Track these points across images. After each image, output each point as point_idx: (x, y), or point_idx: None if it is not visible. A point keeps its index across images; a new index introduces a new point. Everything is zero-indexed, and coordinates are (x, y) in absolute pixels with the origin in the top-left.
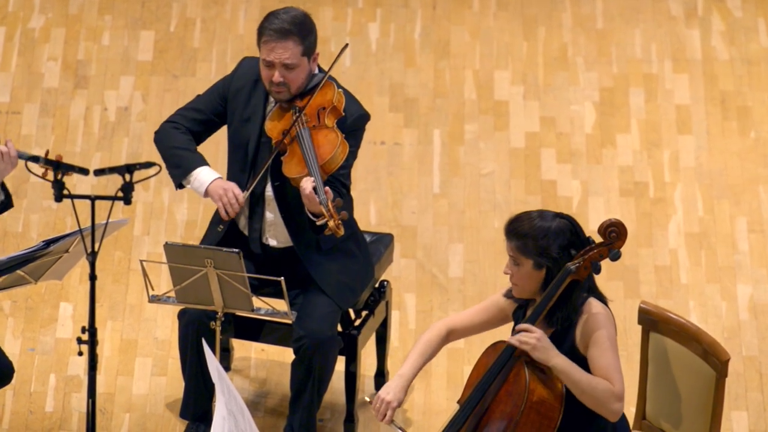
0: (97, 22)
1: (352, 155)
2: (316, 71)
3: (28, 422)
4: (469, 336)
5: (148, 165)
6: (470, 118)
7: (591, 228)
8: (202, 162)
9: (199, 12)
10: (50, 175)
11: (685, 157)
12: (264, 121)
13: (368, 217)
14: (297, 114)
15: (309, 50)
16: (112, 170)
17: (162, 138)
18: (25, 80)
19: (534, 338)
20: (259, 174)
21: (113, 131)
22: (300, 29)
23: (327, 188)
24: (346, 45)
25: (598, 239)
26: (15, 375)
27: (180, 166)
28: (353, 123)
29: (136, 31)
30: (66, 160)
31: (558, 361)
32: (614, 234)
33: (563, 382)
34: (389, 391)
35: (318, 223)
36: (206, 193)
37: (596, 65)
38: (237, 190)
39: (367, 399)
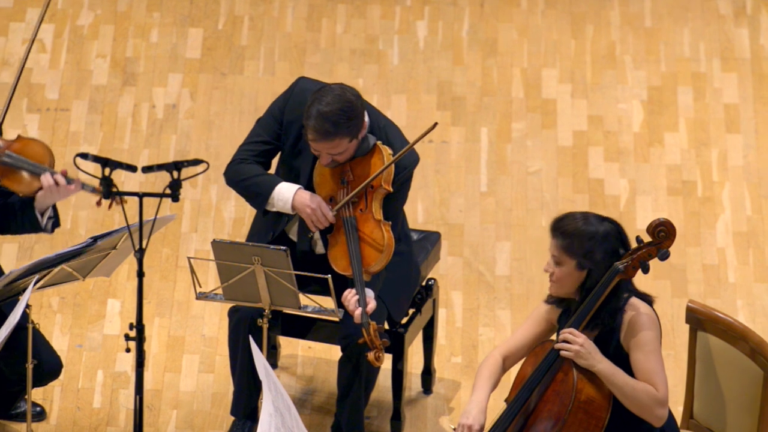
0: (146, 20)
1: (403, 201)
2: (366, 119)
3: (75, 418)
4: (525, 356)
5: (196, 162)
6: (518, 116)
7: (639, 227)
8: (278, 180)
9: (247, 9)
10: (104, 203)
11: (734, 156)
12: (314, 158)
13: (415, 215)
14: (344, 184)
15: (355, 135)
16: (160, 167)
17: (232, 176)
18: (73, 77)
19: (578, 344)
20: (345, 200)
21: (161, 128)
22: (345, 126)
23: (370, 306)
24: (435, 124)
25: (646, 238)
26: (63, 371)
27: (258, 193)
28: (404, 174)
29: (185, 29)
30: (114, 157)
31: (602, 366)
32: (663, 233)
33: (607, 386)
34: (469, 416)
35: (359, 342)
36: (293, 208)
37: (644, 64)
38: (325, 209)
39: (452, 428)
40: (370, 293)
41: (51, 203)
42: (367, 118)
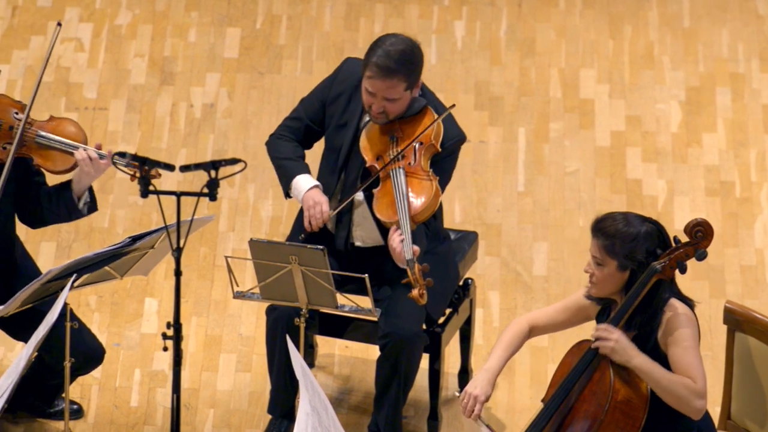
0: (184, 19)
1: (447, 177)
2: (418, 95)
3: (113, 417)
4: (551, 333)
5: (234, 161)
6: (555, 116)
7: (677, 228)
8: (302, 170)
9: (285, 9)
10: (138, 173)
11: None
12: (357, 130)
13: (453, 214)
14: (393, 143)
15: (413, 84)
16: (198, 167)
17: (270, 150)
18: (111, 77)
19: (612, 341)
20: (348, 198)
21: (199, 128)
22: (407, 67)
23: (416, 247)
24: (452, 105)
25: (684, 239)
26: (100, 369)
27: (284, 176)
28: (450, 147)
29: (223, 28)
30: (152, 156)
31: (638, 361)
32: (700, 234)
33: (645, 381)
34: (476, 385)
35: (403, 282)
36: (302, 201)
37: (683, 64)
38: (326, 207)
39: (457, 393)
40: (415, 247)
41: (87, 183)
42: (420, 90)
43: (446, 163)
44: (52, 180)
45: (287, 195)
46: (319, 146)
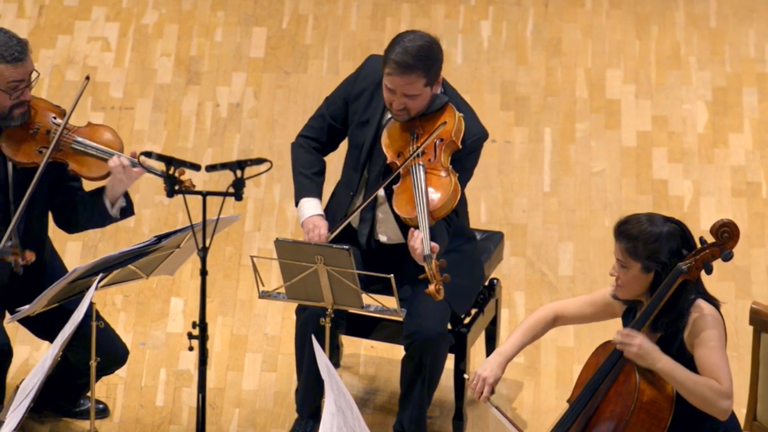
0: (210, 19)
1: (467, 178)
2: (439, 92)
3: (138, 416)
4: (575, 324)
5: (260, 161)
6: (581, 116)
7: (703, 228)
8: (310, 192)
9: (312, 9)
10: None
11: None
12: (379, 128)
13: (478, 215)
14: (414, 140)
15: (432, 80)
16: (224, 166)
17: (292, 154)
18: (138, 76)
19: (635, 346)
20: (341, 224)
21: (225, 127)
22: (425, 63)
23: (434, 244)
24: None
25: (710, 239)
26: (126, 368)
27: (296, 191)
28: (472, 144)
29: (249, 28)
30: (178, 155)
31: (662, 364)
32: (726, 234)
33: (670, 383)
34: (486, 367)
35: (420, 277)
36: (301, 225)
37: (709, 64)
38: (324, 230)
39: (465, 376)
40: (433, 243)
41: (121, 190)
42: (442, 87)
43: (468, 160)
44: (87, 186)
45: (297, 203)
46: (344, 144)
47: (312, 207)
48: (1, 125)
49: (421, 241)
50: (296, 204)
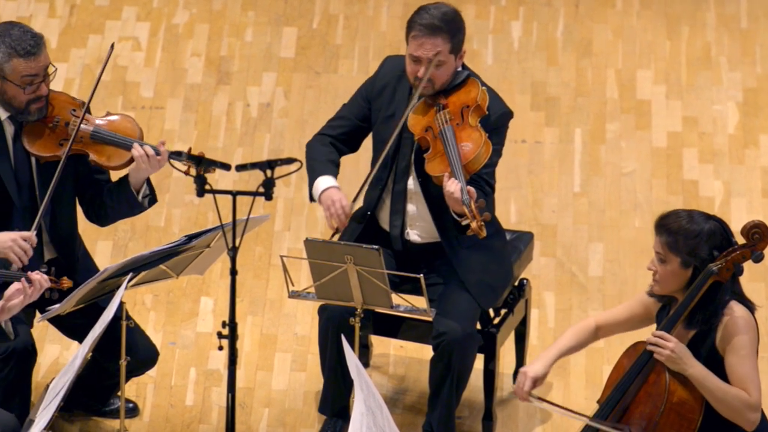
0: (241, 19)
1: (497, 153)
2: (461, 68)
3: (168, 415)
4: (617, 333)
5: (290, 161)
6: (612, 117)
7: (733, 229)
8: (326, 172)
9: (342, 9)
10: (192, 171)
11: None
12: (406, 117)
13: (508, 215)
14: (439, 110)
15: (457, 48)
16: (254, 166)
17: (307, 152)
18: (168, 76)
19: (669, 349)
20: (371, 174)
21: (255, 127)
22: (450, 26)
23: (470, 188)
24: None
25: (740, 240)
26: (155, 368)
27: (310, 177)
28: (497, 120)
29: (279, 28)
30: (208, 155)
31: (693, 371)
32: (757, 235)
33: (699, 390)
34: (530, 365)
35: (462, 224)
36: (319, 201)
37: (740, 65)
38: (345, 201)
39: (513, 385)
40: (470, 188)
41: (144, 177)
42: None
43: (495, 136)
44: (113, 176)
45: (311, 198)
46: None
47: (325, 181)
48: (20, 120)
49: (458, 185)
50: (310, 190)
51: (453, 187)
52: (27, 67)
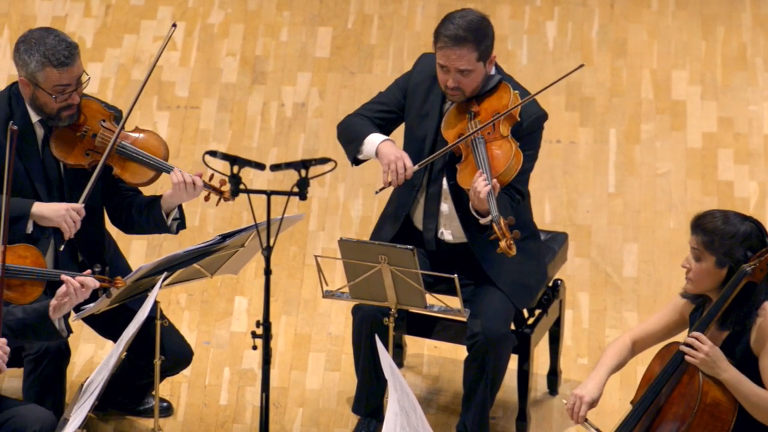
0: (276, 18)
1: (530, 159)
2: (493, 72)
3: (202, 415)
4: (653, 345)
5: (324, 161)
6: (647, 117)
7: None
8: (373, 130)
9: (377, 9)
10: (213, 199)
11: None
12: (440, 119)
13: (543, 215)
14: (471, 119)
15: (484, 55)
16: (288, 166)
17: (340, 125)
18: (203, 75)
19: (703, 353)
20: (429, 159)
21: (290, 127)
22: (475, 35)
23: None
24: (581, 65)
25: None
26: (190, 367)
27: (354, 138)
28: (530, 125)
29: (314, 28)
30: (243, 155)
31: (727, 375)
32: None
33: (734, 394)
34: (583, 388)
35: (482, 222)
36: (377, 153)
37: None
38: (408, 161)
39: (564, 401)
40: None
41: (178, 203)
42: (494, 71)
43: (529, 142)
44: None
45: (355, 161)
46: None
47: (379, 136)
48: (50, 125)
49: (486, 187)
50: (354, 153)
51: (481, 186)
52: (60, 77)
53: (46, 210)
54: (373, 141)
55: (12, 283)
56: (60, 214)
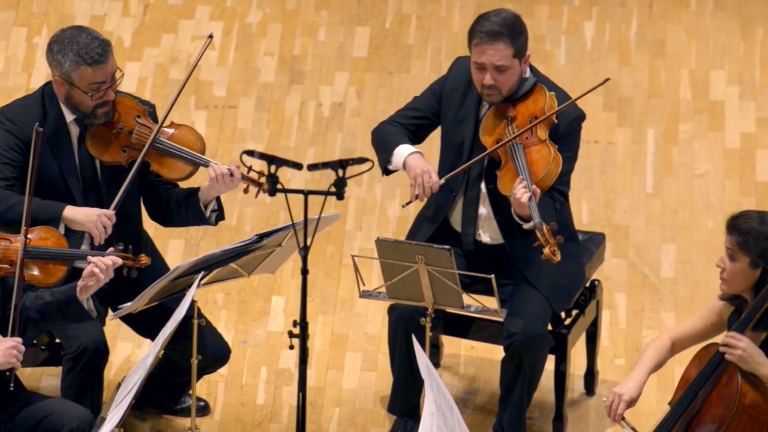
0: (314, 18)
1: (570, 160)
2: (528, 73)
3: (239, 414)
4: (692, 346)
5: (362, 161)
6: (685, 117)
7: None
8: (404, 140)
9: (415, 9)
10: (252, 191)
11: None
12: (477, 124)
13: (580, 216)
14: (509, 124)
15: (520, 52)
16: (326, 165)
17: (374, 132)
18: (241, 75)
19: (740, 349)
20: (457, 171)
21: (327, 127)
22: (511, 31)
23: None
24: (607, 79)
25: None
26: (226, 367)
27: (384, 149)
28: (568, 127)
29: (352, 27)
30: (280, 154)
31: (766, 370)
32: None
33: None
34: (623, 386)
35: (525, 227)
36: (404, 165)
37: None
38: (435, 175)
39: (604, 399)
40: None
41: (215, 195)
42: (528, 67)
43: (568, 143)
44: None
45: (386, 171)
46: (436, 144)
47: (408, 147)
48: (85, 123)
49: (526, 194)
50: (385, 163)
51: (520, 193)
52: (94, 75)
53: (78, 214)
54: (402, 153)
55: (35, 264)
56: (92, 219)
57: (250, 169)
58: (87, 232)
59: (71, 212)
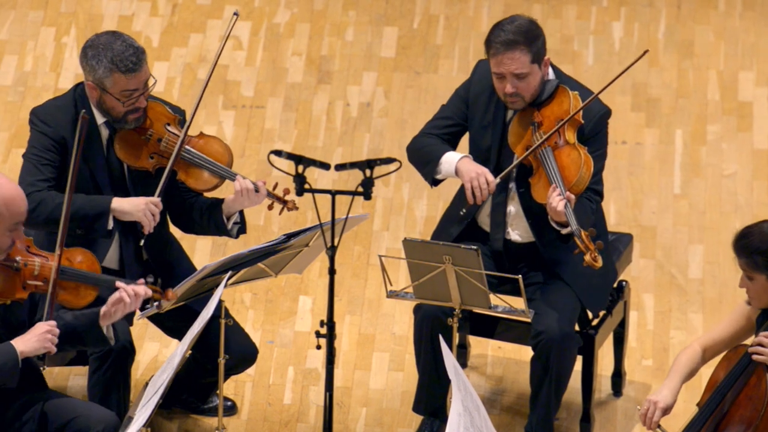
0: (342, 18)
1: (600, 158)
2: (550, 75)
3: (266, 414)
4: (723, 352)
5: (389, 161)
6: (713, 118)
7: None
8: (448, 149)
9: (443, 9)
10: (276, 208)
11: None
12: (504, 128)
13: (608, 216)
14: (536, 130)
15: (538, 56)
16: (353, 165)
17: (411, 146)
18: (269, 75)
19: None
20: (508, 170)
21: (355, 127)
22: (526, 37)
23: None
24: (645, 51)
25: None
26: (254, 366)
27: (429, 161)
28: (595, 126)
29: (380, 27)
30: (308, 154)
31: None
32: None
33: None
34: (658, 394)
35: (563, 233)
36: (456, 171)
37: None
38: (490, 176)
39: (638, 407)
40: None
41: (239, 209)
42: (550, 68)
43: (596, 142)
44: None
45: (433, 182)
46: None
47: (455, 154)
48: (116, 128)
49: (561, 201)
50: (432, 174)
51: (556, 201)
52: (127, 83)
53: (127, 204)
54: (451, 159)
55: (67, 286)
56: (140, 208)
57: (276, 186)
58: (121, 227)
59: (119, 203)
